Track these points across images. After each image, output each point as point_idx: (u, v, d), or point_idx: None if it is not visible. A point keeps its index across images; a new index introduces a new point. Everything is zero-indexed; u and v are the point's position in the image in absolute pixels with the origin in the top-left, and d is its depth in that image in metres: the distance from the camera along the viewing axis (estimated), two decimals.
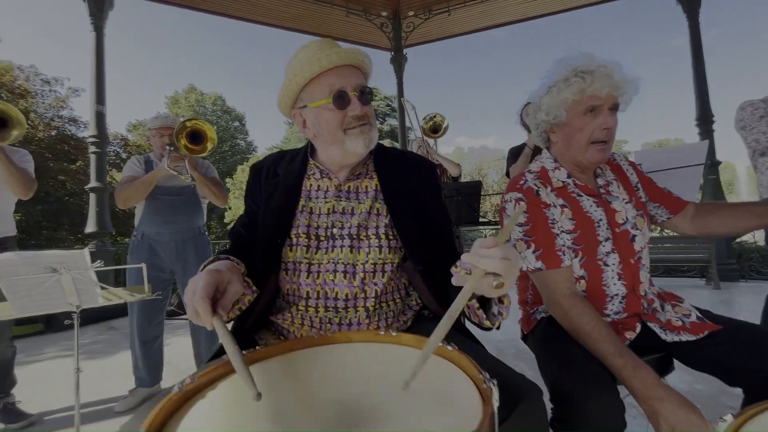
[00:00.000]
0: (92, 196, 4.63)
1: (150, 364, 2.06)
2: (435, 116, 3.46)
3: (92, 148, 4.70)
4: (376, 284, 0.84)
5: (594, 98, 0.94)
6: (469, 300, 0.65)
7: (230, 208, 26.16)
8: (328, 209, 0.88)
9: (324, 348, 0.66)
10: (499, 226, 1.11)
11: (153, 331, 2.07)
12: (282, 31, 6.90)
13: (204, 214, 2.28)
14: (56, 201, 6.08)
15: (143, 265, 1.55)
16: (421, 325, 0.89)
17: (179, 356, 2.63)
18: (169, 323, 3.10)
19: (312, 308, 0.83)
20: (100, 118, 4.73)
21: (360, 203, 0.89)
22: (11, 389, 1.88)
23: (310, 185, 0.91)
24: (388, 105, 31.86)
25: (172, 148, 1.95)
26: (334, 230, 0.86)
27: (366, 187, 0.91)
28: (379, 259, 0.84)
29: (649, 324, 0.95)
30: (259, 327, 0.89)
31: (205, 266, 0.71)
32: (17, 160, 1.79)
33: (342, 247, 0.84)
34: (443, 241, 0.89)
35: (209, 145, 1.96)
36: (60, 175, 6.56)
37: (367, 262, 0.84)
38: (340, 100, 0.81)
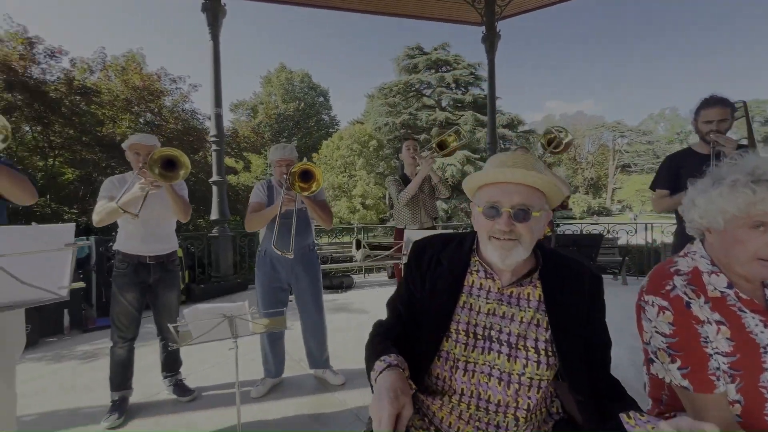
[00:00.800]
0: (214, 189, 5.39)
1: (276, 359, 2.45)
2: (553, 132, 2.92)
3: (213, 147, 5.41)
4: (529, 398, 0.86)
5: (765, 215, 0.81)
6: None
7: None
8: (488, 310, 0.91)
9: None
10: (636, 321, 1.04)
11: (278, 333, 2.43)
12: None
13: (313, 232, 2.54)
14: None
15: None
16: None
17: (292, 345, 3.05)
18: None
19: (464, 404, 0.88)
20: (218, 119, 5.38)
21: (521, 311, 0.90)
22: (179, 368, 2.41)
23: (473, 282, 0.95)
24: (471, 73, 30.01)
25: (286, 189, 2.19)
26: (492, 332, 0.89)
27: (529, 295, 0.92)
28: (536, 374, 0.86)
29: None
30: None
31: (380, 351, 0.84)
32: (177, 188, 2.19)
33: (499, 352, 0.87)
34: (602, 362, 0.89)
35: (315, 186, 2.15)
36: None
37: (523, 374, 0.85)
38: (490, 210, 0.88)
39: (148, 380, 2.52)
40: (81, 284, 1.58)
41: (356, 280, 6.06)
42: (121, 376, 2.17)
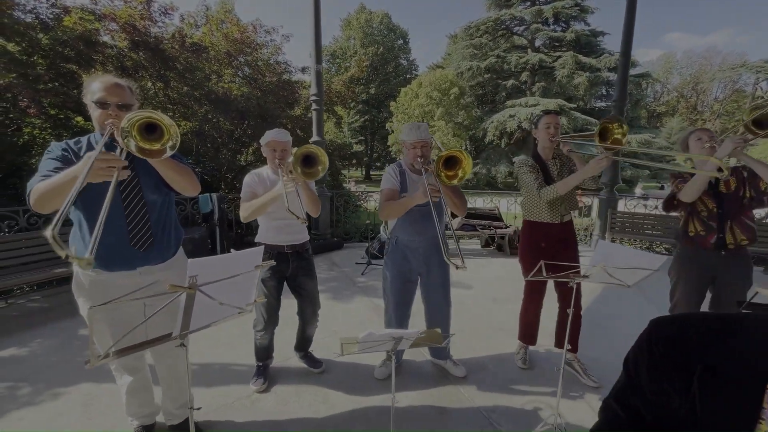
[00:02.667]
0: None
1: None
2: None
3: (314, 106, 5.36)
4: None
5: None
6: None
7: (392, 131, 27.57)
8: None
9: None
10: None
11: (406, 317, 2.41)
12: None
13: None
14: None
15: None
16: None
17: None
18: None
19: None
20: (319, 77, 5.26)
21: None
22: (309, 347, 2.55)
23: None
24: (576, 4, 25.50)
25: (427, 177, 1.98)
26: None
27: None
28: None
29: None
30: None
31: None
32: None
33: None
34: None
35: (461, 173, 1.88)
36: (283, 120, 7.90)
37: None
38: None
39: (281, 341, 2.72)
40: (263, 299, 1.60)
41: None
42: (265, 353, 2.36)
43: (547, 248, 2.35)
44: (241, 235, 5.37)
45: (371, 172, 35.53)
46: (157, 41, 6.39)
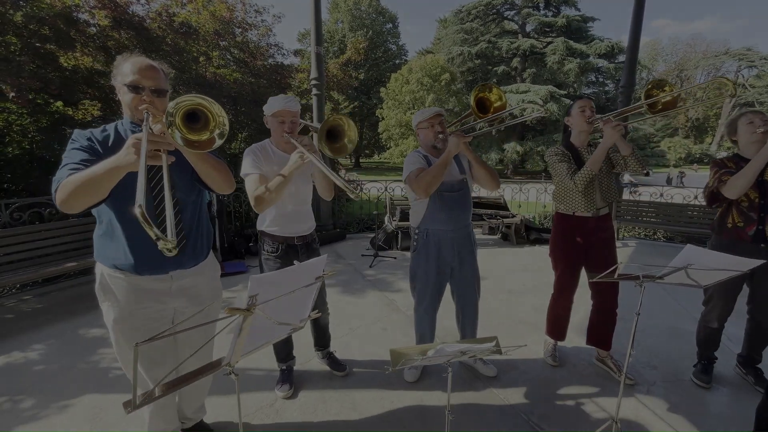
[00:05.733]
0: (315, 137, 5.20)
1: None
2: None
3: (314, 91, 5.10)
4: None
5: None
6: None
7: (383, 118, 27.13)
8: None
9: None
10: None
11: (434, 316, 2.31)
12: None
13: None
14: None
15: None
16: None
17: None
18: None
19: None
20: (319, 60, 4.99)
21: None
22: (329, 343, 2.41)
23: None
24: None
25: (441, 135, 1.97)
26: None
27: None
28: None
29: None
30: None
31: None
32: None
33: None
34: None
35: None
36: None
37: None
38: None
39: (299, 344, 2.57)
40: (317, 314, 1.44)
41: None
42: (285, 350, 2.20)
43: (582, 243, 2.24)
44: (241, 228, 5.15)
45: (360, 160, 35.07)
46: (141, 20, 5.96)
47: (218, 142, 1.03)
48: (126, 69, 1.23)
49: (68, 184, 1.05)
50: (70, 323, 2.90)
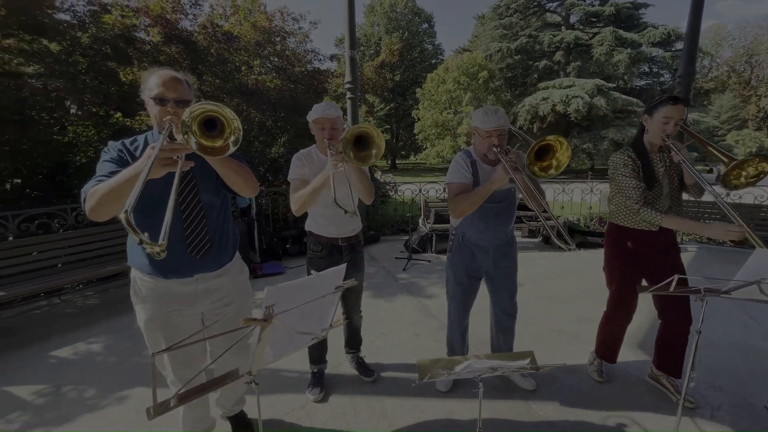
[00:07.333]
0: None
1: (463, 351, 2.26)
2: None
3: (348, 94, 5.14)
4: None
5: None
6: None
7: (419, 119, 26.95)
8: None
9: None
10: None
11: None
12: None
13: (515, 216, 2.10)
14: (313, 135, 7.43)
15: None
16: None
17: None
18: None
19: None
20: (353, 64, 5.03)
21: None
22: (360, 347, 2.40)
23: None
24: None
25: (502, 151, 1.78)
26: None
27: None
28: None
29: None
30: None
31: None
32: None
33: None
34: None
35: (554, 164, 1.63)
36: None
37: None
38: None
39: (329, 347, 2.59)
40: (341, 322, 1.42)
41: None
42: (318, 352, 2.22)
43: (643, 256, 1.99)
44: (279, 230, 5.31)
45: (396, 161, 35.10)
46: (188, 34, 6.35)
47: (232, 149, 1.06)
48: (152, 83, 1.29)
49: (95, 194, 1.11)
50: (125, 318, 3.12)
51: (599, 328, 2.25)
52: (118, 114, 5.84)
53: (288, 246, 4.99)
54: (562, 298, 3.51)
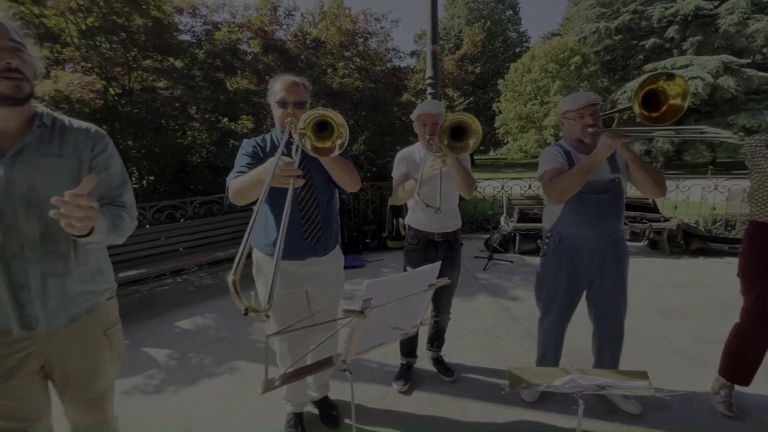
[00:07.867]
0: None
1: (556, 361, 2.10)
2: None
3: (429, 90, 5.10)
4: None
5: None
6: None
7: (500, 112, 25.63)
8: None
9: None
10: None
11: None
12: None
13: (624, 212, 1.85)
14: (392, 133, 7.51)
15: None
16: None
17: None
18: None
19: None
20: (434, 58, 4.97)
21: None
22: (442, 347, 2.38)
23: None
24: None
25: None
26: None
27: None
28: None
29: None
30: None
31: None
32: (462, 159, 1.87)
33: None
34: None
35: None
36: (394, 107, 7.90)
37: None
38: None
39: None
40: (429, 321, 1.45)
41: None
42: (409, 346, 2.27)
43: None
44: (360, 224, 5.52)
45: (474, 157, 33.92)
46: (282, 43, 6.92)
47: (336, 152, 1.17)
48: (276, 88, 1.50)
49: (233, 187, 1.36)
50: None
51: (727, 345, 1.91)
52: (225, 119, 6.64)
53: (368, 240, 5.17)
54: (675, 312, 3.04)
